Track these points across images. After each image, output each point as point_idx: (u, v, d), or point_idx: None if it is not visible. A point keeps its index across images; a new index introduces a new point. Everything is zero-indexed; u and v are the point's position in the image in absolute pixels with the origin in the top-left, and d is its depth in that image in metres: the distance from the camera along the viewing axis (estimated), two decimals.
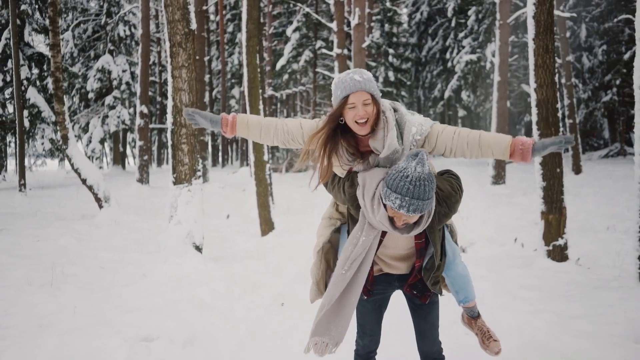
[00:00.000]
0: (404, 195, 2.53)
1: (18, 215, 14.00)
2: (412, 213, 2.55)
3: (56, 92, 12.53)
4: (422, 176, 2.54)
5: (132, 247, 9.30)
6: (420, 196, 2.53)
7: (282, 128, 2.94)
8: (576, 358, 3.86)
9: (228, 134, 2.98)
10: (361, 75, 2.72)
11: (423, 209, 2.56)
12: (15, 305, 5.86)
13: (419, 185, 2.53)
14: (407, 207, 2.54)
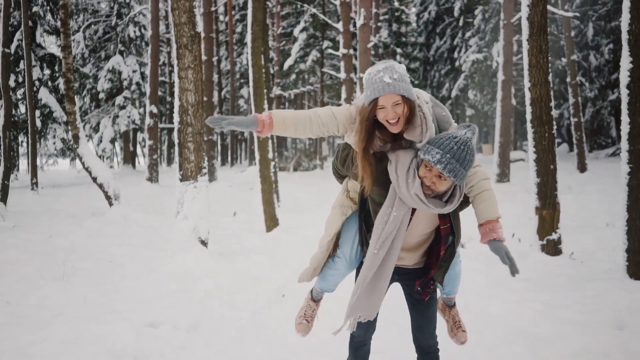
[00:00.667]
0: (446, 152, 2.51)
1: (30, 213, 14.33)
2: (447, 173, 2.52)
3: (67, 93, 12.82)
4: (469, 144, 2.56)
5: (141, 243, 9.57)
6: (461, 160, 2.52)
7: (316, 121, 2.91)
8: (557, 343, 4.08)
9: (264, 133, 2.90)
10: (391, 75, 2.64)
11: (457, 174, 2.53)
12: (29, 297, 6.14)
13: (463, 148, 2.52)
14: (444, 165, 2.51)
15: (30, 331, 4.80)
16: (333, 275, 3.16)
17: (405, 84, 2.63)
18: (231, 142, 43.71)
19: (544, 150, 7.01)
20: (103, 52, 32.26)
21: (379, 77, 2.63)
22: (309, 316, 3.33)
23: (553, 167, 7.03)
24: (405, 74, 2.68)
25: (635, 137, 5.56)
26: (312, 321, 3.34)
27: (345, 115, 2.85)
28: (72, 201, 17.58)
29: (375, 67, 2.71)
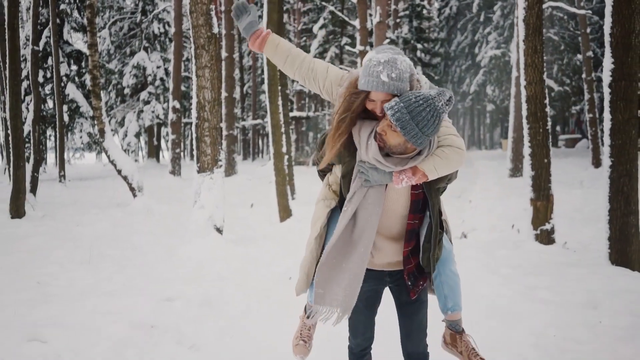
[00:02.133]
0: (402, 101, 2.45)
1: (59, 203, 15.04)
2: (394, 121, 2.43)
3: (94, 89, 13.45)
4: (431, 102, 2.44)
5: (162, 231, 10.15)
6: (414, 113, 2.43)
7: (307, 64, 2.87)
8: (529, 318, 4.53)
9: (255, 47, 2.86)
10: (390, 72, 2.55)
11: (406, 127, 2.43)
12: (58, 278, 6.72)
13: (421, 103, 2.44)
14: (394, 112, 2.45)
15: (59, 305, 5.38)
16: None
17: (402, 83, 2.57)
18: (252, 136, 44.34)
19: (538, 145, 7.42)
20: (128, 49, 33.02)
21: (377, 71, 2.56)
22: (305, 336, 3.10)
23: (547, 160, 7.43)
24: (405, 70, 2.60)
25: (616, 133, 5.96)
26: (309, 341, 3.10)
27: (336, 76, 2.83)
28: (98, 193, 18.31)
29: (378, 57, 2.63)
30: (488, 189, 15.21)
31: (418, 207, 2.75)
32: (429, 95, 2.47)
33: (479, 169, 22.71)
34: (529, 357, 3.86)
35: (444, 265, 2.90)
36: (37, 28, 15.81)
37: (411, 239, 2.80)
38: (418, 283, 2.86)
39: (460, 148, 2.60)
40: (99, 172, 30.55)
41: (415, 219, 2.76)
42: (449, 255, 2.93)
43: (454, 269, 2.93)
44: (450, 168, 2.61)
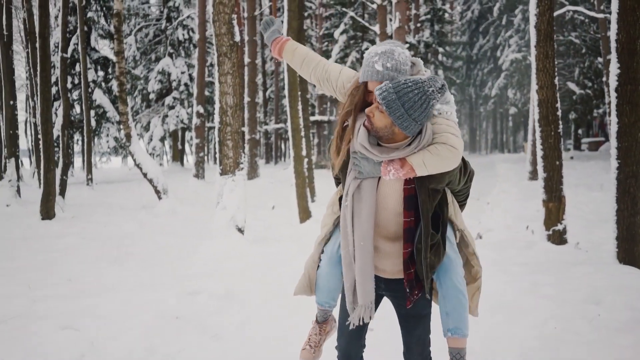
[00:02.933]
0: (391, 82, 2.46)
1: (87, 205, 15.54)
2: (381, 100, 2.43)
3: (120, 95, 13.90)
4: (420, 85, 2.42)
5: (185, 232, 10.51)
6: (401, 94, 2.41)
7: (322, 66, 2.95)
8: (531, 313, 4.75)
9: (275, 52, 3.04)
10: (385, 62, 2.57)
11: (392, 107, 2.41)
12: (88, 275, 7.09)
13: (410, 85, 2.42)
14: (381, 91, 2.44)
15: (90, 299, 5.72)
16: (321, 277, 2.89)
17: (398, 74, 2.57)
18: (275, 140, 44.76)
19: (550, 148, 7.61)
20: (153, 55, 33.64)
21: (373, 61, 2.60)
22: (313, 342, 3.00)
23: (559, 163, 7.62)
24: (404, 62, 2.61)
25: (622, 136, 6.14)
26: (316, 347, 2.99)
27: (348, 77, 2.87)
28: (124, 195, 18.80)
29: (376, 49, 2.67)
30: (507, 192, 15.34)
31: (412, 203, 2.63)
32: (419, 79, 2.43)
33: (500, 171, 22.78)
34: (530, 348, 4.09)
35: (445, 275, 2.74)
36: (66, 36, 16.35)
37: (409, 240, 2.66)
38: (414, 292, 2.73)
39: (454, 147, 2.50)
40: (125, 176, 31.19)
41: (410, 216, 2.64)
42: (452, 266, 2.74)
43: (457, 283, 2.73)
44: (441, 166, 2.52)
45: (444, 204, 2.71)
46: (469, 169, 2.80)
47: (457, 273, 2.74)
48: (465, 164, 2.74)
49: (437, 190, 2.64)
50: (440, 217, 2.69)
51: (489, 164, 29.63)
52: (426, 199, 2.59)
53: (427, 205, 2.59)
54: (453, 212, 2.80)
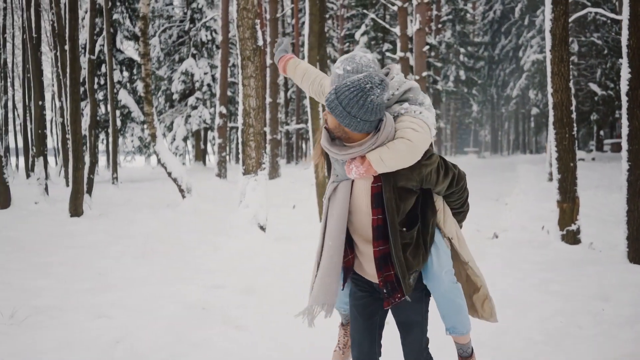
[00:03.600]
0: (335, 90, 2.50)
1: (113, 203, 15.97)
2: (328, 108, 2.50)
3: (146, 96, 14.27)
4: (357, 83, 2.48)
5: (209, 230, 10.81)
6: (341, 96, 2.47)
7: (318, 81, 3.09)
8: (539, 307, 4.97)
9: (280, 69, 3.28)
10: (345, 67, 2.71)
11: (334, 109, 2.48)
12: (116, 270, 7.42)
13: (349, 85, 2.47)
14: (331, 105, 2.49)
15: (119, 292, 6.05)
16: None
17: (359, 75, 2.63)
18: (296, 140, 45.08)
19: (564, 150, 7.79)
20: (177, 55, 34.10)
21: (336, 67, 2.74)
22: (341, 344, 3.18)
23: (573, 164, 7.80)
24: (365, 63, 2.71)
25: (633, 138, 6.32)
26: (344, 348, 3.16)
27: None
28: (148, 194, 19.22)
29: (341, 57, 2.80)
30: (526, 192, 15.44)
31: (380, 201, 2.65)
32: (358, 77, 2.49)
33: (520, 172, 22.84)
34: (536, 340, 4.31)
35: (432, 283, 2.77)
36: (93, 38, 16.76)
37: (379, 238, 2.66)
38: (395, 295, 2.68)
39: (410, 140, 2.53)
40: (148, 175, 31.72)
41: (377, 214, 2.65)
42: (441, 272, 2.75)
43: (445, 291, 2.76)
44: (399, 160, 2.53)
45: (428, 208, 2.73)
46: (451, 172, 2.73)
47: (443, 280, 2.74)
48: (446, 165, 2.71)
49: (408, 189, 2.64)
50: (419, 218, 2.70)
51: (510, 164, 29.65)
52: (391, 196, 2.60)
53: (392, 202, 2.60)
54: (442, 219, 2.81)
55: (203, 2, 32.53)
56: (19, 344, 4.49)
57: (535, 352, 4.07)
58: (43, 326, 4.94)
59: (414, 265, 2.66)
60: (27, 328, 4.91)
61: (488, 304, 2.95)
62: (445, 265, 2.75)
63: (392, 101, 2.73)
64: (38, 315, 5.32)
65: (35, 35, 18.49)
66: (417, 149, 2.55)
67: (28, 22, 19.37)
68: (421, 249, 2.68)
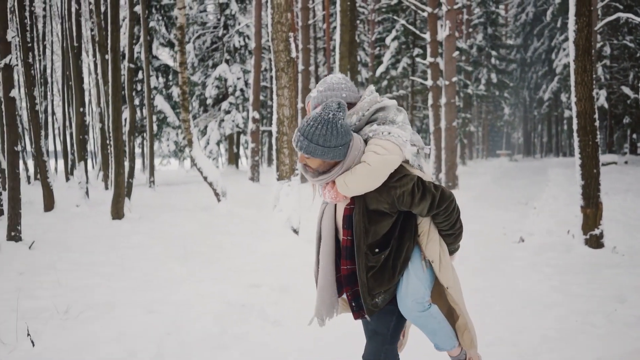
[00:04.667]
0: (305, 134, 2.55)
1: (150, 206, 16.56)
2: (300, 151, 2.58)
3: (183, 103, 14.83)
4: (319, 118, 2.54)
5: (243, 233, 11.27)
6: (309, 135, 2.53)
7: None
8: (556, 308, 5.28)
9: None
10: (318, 88, 2.85)
11: (311, 151, 2.55)
12: (159, 270, 7.91)
13: (311, 124, 2.54)
14: (296, 142, 2.58)
15: (164, 290, 6.53)
16: None
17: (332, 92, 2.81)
18: None
19: (587, 157, 8.04)
20: (210, 61, 34.82)
21: (312, 91, 2.87)
22: None
23: (596, 171, 8.04)
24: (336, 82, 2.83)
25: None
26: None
27: None
28: (184, 197, 19.82)
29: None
30: (555, 196, 15.60)
31: (350, 223, 2.74)
32: (315, 113, 2.57)
33: (551, 176, 22.89)
34: (551, 337, 4.63)
35: (401, 307, 2.82)
36: (132, 47, 17.42)
37: (347, 257, 2.77)
38: (361, 310, 2.82)
39: (369, 164, 2.59)
40: (183, 178, 32.44)
41: (348, 234, 2.75)
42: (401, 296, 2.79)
43: (414, 319, 2.81)
44: (360, 184, 2.61)
45: (406, 231, 2.77)
46: (429, 194, 2.69)
47: (410, 309, 2.77)
48: (424, 187, 2.68)
49: (381, 212, 2.68)
50: (391, 242, 2.73)
51: (541, 168, 29.63)
52: (360, 218, 2.68)
53: (360, 225, 2.67)
54: (425, 241, 2.82)
55: (236, 9, 33.18)
56: (76, 336, 4.97)
57: (550, 347, 4.39)
58: (97, 321, 5.42)
59: (376, 288, 2.72)
60: (82, 322, 5.40)
61: (467, 334, 2.95)
62: (413, 294, 2.76)
63: (362, 122, 2.80)
64: (91, 310, 5.81)
65: (76, 44, 19.23)
66: (378, 171, 2.60)
67: (69, 31, 20.13)
68: (387, 273, 2.73)
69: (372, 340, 2.86)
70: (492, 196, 17.12)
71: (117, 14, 12.86)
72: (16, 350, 4.64)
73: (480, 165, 37.47)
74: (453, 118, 19.32)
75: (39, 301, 6.17)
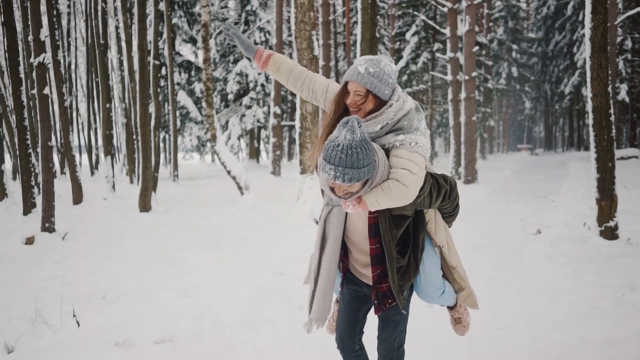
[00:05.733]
0: (337, 165, 2.43)
1: (175, 200, 16.99)
2: (348, 183, 2.47)
3: (207, 99, 15.20)
4: (353, 143, 2.44)
5: (268, 225, 11.61)
6: (354, 164, 2.43)
7: (308, 85, 3.01)
8: (569, 294, 5.53)
9: (259, 67, 3.06)
10: (368, 67, 2.66)
11: (360, 177, 2.47)
12: (186, 260, 8.26)
13: (350, 153, 2.43)
14: (342, 177, 2.45)
15: (195, 277, 6.88)
16: None
17: (380, 82, 2.68)
18: None
19: (603, 151, 8.25)
20: (232, 57, 35.22)
21: (357, 64, 2.70)
22: (334, 317, 3.48)
23: (611, 164, 8.24)
24: (388, 73, 2.72)
25: None
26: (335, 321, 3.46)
27: (335, 93, 2.89)
28: (207, 191, 20.23)
29: (365, 57, 2.77)
30: (574, 190, 15.70)
31: (377, 231, 2.76)
32: (347, 140, 2.45)
33: (571, 170, 22.92)
34: (561, 320, 4.89)
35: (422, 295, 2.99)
36: (157, 44, 17.80)
37: (377, 264, 2.82)
38: (385, 302, 2.87)
39: (406, 186, 2.58)
40: (205, 172, 32.93)
41: (375, 243, 2.79)
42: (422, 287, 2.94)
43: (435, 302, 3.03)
44: (393, 203, 2.61)
45: (419, 224, 2.83)
46: (443, 189, 2.79)
47: (431, 296, 2.96)
48: (438, 185, 2.77)
49: (404, 216, 2.74)
50: (411, 240, 2.82)
51: (562, 162, 29.59)
52: (387, 228, 2.71)
53: (388, 234, 2.70)
54: (433, 229, 2.93)
55: (256, 5, 33.51)
56: (117, 318, 5.35)
57: (561, 329, 4.65)
58: (134, 305, 5.79)
59: (405, 284, 2.82)
60: (119, 306, 5.78)
61: (470, 298, 3.12)
62: (432, 282, 2.93)
63: (384, 130, 2.73)
64: (127, 296, 6.18)
65: (102, 42, 19.67)
66: (413, 192, 2.61)
67: (96, 29, 20.57)
68: (412, 268, 2.83)
69: (387, 329, 2.96)
70: (512, 190, 17.28)
71: (144, 14, 13.24)
72: (61, 331, 5.02)
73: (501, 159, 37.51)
74: (473, 112, 19.48)
75: (77, 288, 6.56)
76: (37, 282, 6.96)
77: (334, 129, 2.71)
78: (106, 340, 4.77)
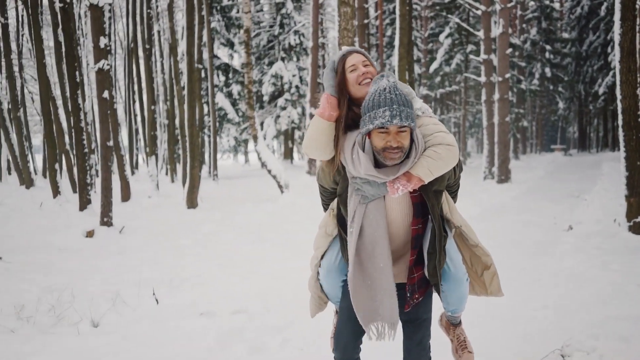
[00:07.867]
0: (391, 104, 2.41)
1: (217, 198, 17.73)
2: (405, 121, 2.40)
3: (248, 101, 15.89)
4: (397, 85, 2.48)
5: (307, 222, 12.14)
6: (406, 103, 2.44)
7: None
8: (595, 280, 6.00)
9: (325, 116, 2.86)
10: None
11: (412, 116, 2.45)
12: (234, 253, 8.88)
13: (398, 93, 2.45)
14: (399, 116, 2.40)
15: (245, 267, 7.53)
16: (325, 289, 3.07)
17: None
18: None
19: (632, 150, 8.66)
20: (267, 59, 35.99)
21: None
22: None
23: (639, 163, 8.67)
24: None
25: None
26: None
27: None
28: (245, 189, 20.95)
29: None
30: (607, 189, 15.95)
31: (420, 210, 2.71)
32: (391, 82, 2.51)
33: (604, 170, 23.05)
34: (587, 302, 5.36)
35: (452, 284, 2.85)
36: (200, 49, 18.57)
37: (416, 246, 2.75)
38: (414, 296, 2.81)
39: (450, 144, 2.55)
40: (241, 172, 33.75)
41: (418, 223, 2.72)
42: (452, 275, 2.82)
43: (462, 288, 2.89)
44: (445, 167, 2.57)
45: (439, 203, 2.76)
46: (459, 162, 2.79)
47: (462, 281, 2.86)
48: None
49: (440, 191, 2.71)
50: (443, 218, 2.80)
51: (596, 162, 29.58)
52: (434, 202, 2.66)
53: (436, 209, 2.66)
54: (448, 210, 2.85)
55: (291, 8, 34.20)
56: (189, 297, 6.02)
57: (587, 310, 5.13)
58: (197, 288, 6.45)
59: (443, 264, 2.77)
60: (188, 289, 6.45)
61: (496, 279, 3.05)
62: (459, 267, 2.83)
63: None
64: (189, 282, 6.85)
65: (147, 46, 20.55)
66: (457, 150, 2.59)
67: (142, 34, 21.45)
68: (444, 250, 2.76)
69: (419, 331, 2.88)
70: (544, 189, 17.57)
71: (192, 21, 13.98)
72: (140, 308, 5.70)
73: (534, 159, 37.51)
74: (506, 113, 19.83)
75: (142, 275, 7.23)
76: (104, 270, 7.68)
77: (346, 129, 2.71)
78: (190, 312, 5.47)
